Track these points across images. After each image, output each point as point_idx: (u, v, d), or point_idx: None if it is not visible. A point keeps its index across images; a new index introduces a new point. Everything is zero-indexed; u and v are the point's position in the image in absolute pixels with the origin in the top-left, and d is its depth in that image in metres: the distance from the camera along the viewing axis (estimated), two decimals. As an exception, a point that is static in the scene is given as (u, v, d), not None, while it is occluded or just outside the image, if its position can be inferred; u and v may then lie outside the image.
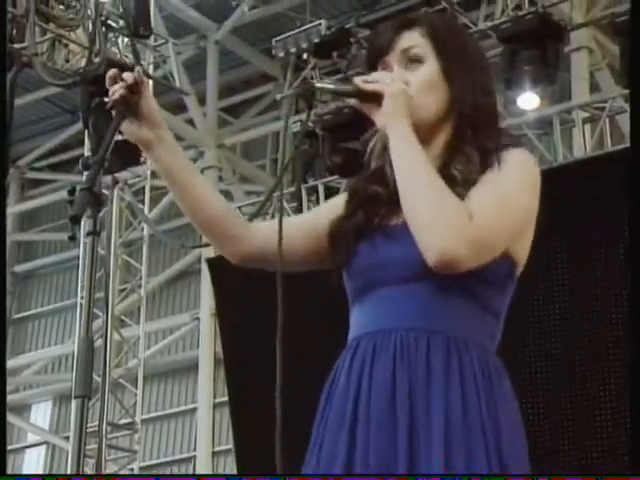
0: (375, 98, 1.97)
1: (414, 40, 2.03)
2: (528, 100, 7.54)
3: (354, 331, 2.00)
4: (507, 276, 1.99)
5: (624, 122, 8.17)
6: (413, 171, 1.92)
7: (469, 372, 1.89)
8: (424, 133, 1.99)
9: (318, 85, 2.04)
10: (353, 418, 1.90)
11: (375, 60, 2.05)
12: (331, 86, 2.07)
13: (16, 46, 7.70)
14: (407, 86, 1.99)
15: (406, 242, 1.93)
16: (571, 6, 7.92)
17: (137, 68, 2.08)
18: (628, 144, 7.60)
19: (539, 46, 7.33)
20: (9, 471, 11.23)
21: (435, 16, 2.12)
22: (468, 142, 2.00)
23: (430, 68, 2.01)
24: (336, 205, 2.11)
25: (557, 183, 6.08)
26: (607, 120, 7.69)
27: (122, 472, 9.19)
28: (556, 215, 5.57)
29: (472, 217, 1.89)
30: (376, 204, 2.03)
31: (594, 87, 8.89)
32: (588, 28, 8.44)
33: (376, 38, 2.07)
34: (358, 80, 1.98)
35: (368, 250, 1.99)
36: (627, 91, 7.51)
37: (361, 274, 2.00)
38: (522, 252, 2.01)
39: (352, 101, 2.02)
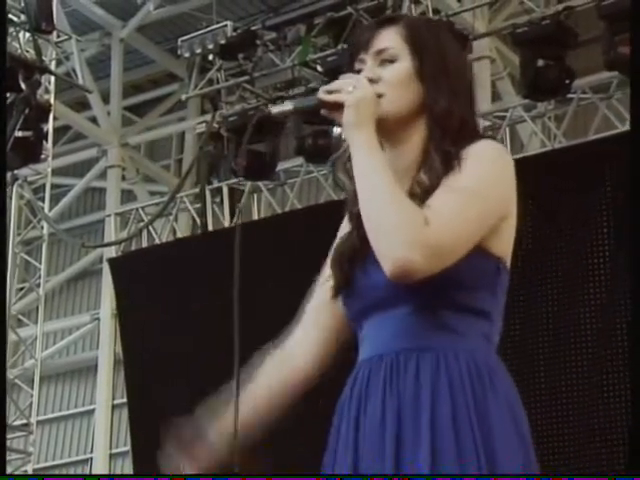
0: (339, 107, 1.94)
1: (390, 39, 2.01)
2: (431, 107, 7.63)
3: (360, 353, 2.02)
4: (494, 274, 1.96)
5: (524, 131, 8.34)
6: (368, 180, 1.89)
7: (458, 382, 1.88)
8: (395, 130, 1.97)
9: (275, 111, 1.98)
10: (355, 452, 1.92)
11: (353, 57, 2.04)
12: (290, 107, 1.99)
13: None
14: (379, 81, 1.97)
15: None
16: (473, 16, 8.05)
17: None
18: (526, 153, 7.77)
19: (442, 54, 7.44)
20: None
21: (415, 17, 2.11)
22: (434, 145, 1.97)
23: (403, 66, 2.00)
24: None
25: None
26: (507, 129, 7.84)
27: (16, 474, 9.02)
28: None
29: (428, 222, 1.85)
30: (362, 224, 1.98)
31: (495, 96, 9.06)
32: (490, 38, 8.59)
33: (356, 36, 2.07)
34: (321, 91, 1.96)
35: (360, 274, 1.98)
36: (526, 100, 7.67)
37: (356, 299, 2.00)
38: (503, 246, 1.97)
39: (324, 111, 1.97)
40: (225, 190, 8.79)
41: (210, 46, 8.23)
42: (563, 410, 6.63)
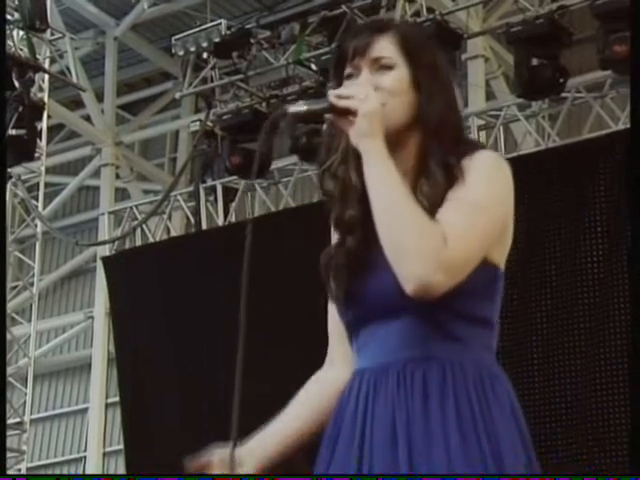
0: (349, 113, 1.94)
1: (385, 48, 2.03)
2: (425, 106, 7.64)
3: (356, 362, 2.03)
4: (493, 282, 2.01)
5: (518, 130, 8.35)
6: (388, 196, 1.91)
7: (463, 393, 1.94)
8: (393, 139, 1.98)
9: (292, 110, 1.99)
10: (360, 448, 1.95)
11: (344, 61, 2.04)
12: (304, 108, 1.99)
13: None
14: (377, 90, 1.98)
15: (387, 271, 1.92)
16: (468, 15, 8.06)
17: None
18: (520, 152, 7.78)
19: (437, 53, 7.44)
20: None
21: (408, 25, 2.13)
22: (433, 157, 1.99)
23: (400, 73, 2.02)
24: None
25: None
26: (501, 128, 7.85)
27: (9, 472, 9.01)
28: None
29: (446, 240, 1.88)
30: (356, 229, 2.01)
31: (489, 95, 9.07)
32: (484, 37, 8.60)
33: (349, 41, 2.06)
34: (332, 96, 1.95)
35: (358, 282, 1.99)
36: (521, 100, 7.68)
37: (354, 307, 2.01)
38: (501, 256, 2.03)
39: (328, 115, 1.97)
40: (219, 188, 8.79)
41: (204, 44, 8.23)
42: (557, 410, 6.64)
